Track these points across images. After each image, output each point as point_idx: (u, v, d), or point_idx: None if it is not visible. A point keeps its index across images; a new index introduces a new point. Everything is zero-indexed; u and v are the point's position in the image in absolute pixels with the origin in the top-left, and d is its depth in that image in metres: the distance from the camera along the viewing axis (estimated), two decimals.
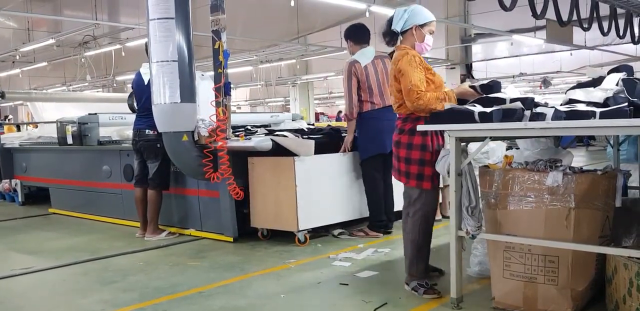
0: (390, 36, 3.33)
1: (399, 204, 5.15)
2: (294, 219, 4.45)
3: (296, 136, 4.59)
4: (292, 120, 7.36)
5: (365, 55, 4.73)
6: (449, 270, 2.99)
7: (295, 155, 4.45)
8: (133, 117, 5.28)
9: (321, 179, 4.63)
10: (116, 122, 6.62)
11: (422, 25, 3.27)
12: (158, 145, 4.90)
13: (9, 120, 17.33)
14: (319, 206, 4.61)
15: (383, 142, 4.60)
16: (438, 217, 5.41)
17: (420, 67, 3.15)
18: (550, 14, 6.11)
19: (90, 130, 6.12)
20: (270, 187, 4.60)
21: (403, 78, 3.12)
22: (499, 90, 3.09)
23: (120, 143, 6.03)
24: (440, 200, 5.52)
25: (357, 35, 4.83)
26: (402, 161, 3.24)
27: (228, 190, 4.60)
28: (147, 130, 4.96)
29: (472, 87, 3.22)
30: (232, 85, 4.89)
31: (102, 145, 6.12)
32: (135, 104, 5.36)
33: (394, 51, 3.36)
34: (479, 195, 2.94)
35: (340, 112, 22.88)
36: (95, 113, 6.27)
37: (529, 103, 2.74)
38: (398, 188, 5.09)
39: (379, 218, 4.79)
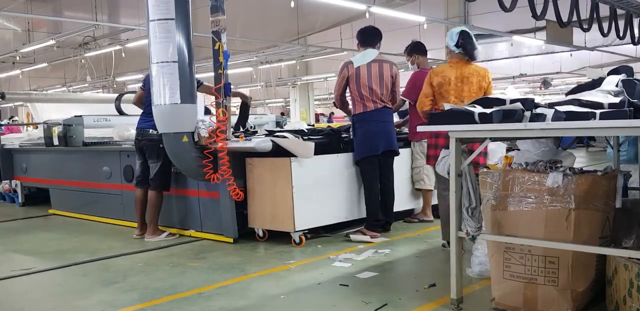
0: None
1: (399, 205, 5.16)
2: (291, 220, 4.45)
3: (296, 137, 4.59)
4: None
5: (363, 57, 4.77)
6: (449, 270, 2.98)
7: (294, 156, 4.45)
8: (119, 118, 5.30)
9: (318, 180, 4.63)
10: (101, 123, 6.69)
11: None
12: (160, 145, 4.88)
13: (13, 121, 17.35)
14: (315, 207, 4.60)
15: (374, 144, 4.74)
16: (429, 218, 5.41)
17: None
18: (550, 14, 6.10)
19: (75, 131, 6.25)
20: (267, 188, 4.60)
21: None
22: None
23: (105, 144, 6.13)
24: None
25: (363, 37, 4.88)
26: None
27: (228, 190, 4.60)
28: (150, 130, 4.94)
29: None
30: (232, 86, 4.89)
31: (88, 146, 6.24)
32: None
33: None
34: (479, 196, 2.95)
35: (332, 113, 24.03)
36: (80, 116, 6.41)
37: (529, 104, 2.74)
38: (399, 189, 5.11)
39: (375, 218, 4.79)
